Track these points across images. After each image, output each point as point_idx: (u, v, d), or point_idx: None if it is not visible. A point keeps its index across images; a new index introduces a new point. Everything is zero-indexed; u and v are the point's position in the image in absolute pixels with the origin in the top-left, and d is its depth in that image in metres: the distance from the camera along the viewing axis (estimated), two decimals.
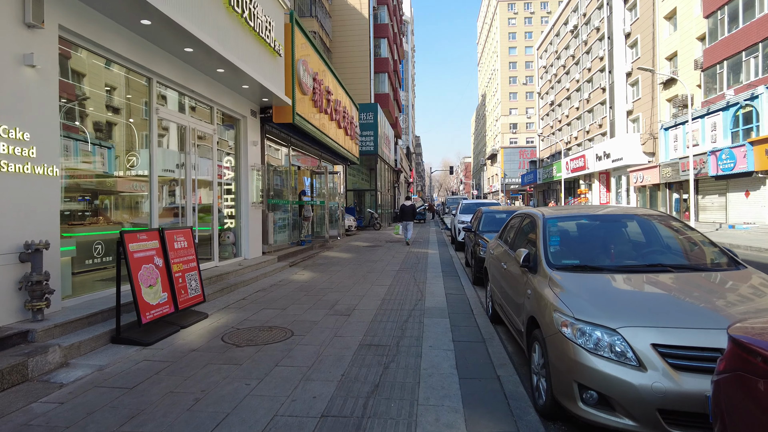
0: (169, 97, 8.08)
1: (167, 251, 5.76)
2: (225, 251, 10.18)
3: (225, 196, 10.44)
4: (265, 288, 8.46)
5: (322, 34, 31.57)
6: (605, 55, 42.12)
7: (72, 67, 5.98)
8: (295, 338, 5.27)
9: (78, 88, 6.19)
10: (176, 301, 5.75)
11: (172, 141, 8.38)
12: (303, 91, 12.12)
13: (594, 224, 4.71)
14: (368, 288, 8.34)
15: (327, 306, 6.91)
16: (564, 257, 4.19)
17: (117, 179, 7.03)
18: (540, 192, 61.61)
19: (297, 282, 9.10)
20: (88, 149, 6.42)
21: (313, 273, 10.27)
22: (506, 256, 5.40)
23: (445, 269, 10.65)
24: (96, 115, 6.59)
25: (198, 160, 8.91)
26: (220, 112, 9.86)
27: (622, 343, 2.93)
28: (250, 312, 6.58)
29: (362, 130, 27.13)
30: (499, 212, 10.95)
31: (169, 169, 8.39)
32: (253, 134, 10.92)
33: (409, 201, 17.37)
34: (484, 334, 5.36)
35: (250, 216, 10.66)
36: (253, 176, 10.74)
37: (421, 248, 15.52)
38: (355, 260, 12.49)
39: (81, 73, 6.21)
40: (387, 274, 10.03)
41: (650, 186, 32.21)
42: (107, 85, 6.79)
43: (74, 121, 6.18)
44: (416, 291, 7.99)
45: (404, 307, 6.73)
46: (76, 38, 5.70)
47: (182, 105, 8.52)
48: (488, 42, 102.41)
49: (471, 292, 7.99)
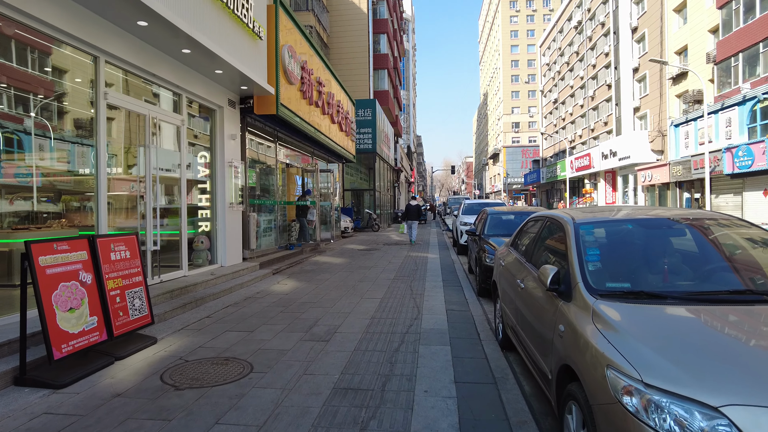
0: (124, 81, 6.95)
1: (99, 264, 4.63)
2: (198, 258, 9.06)
3: (200, 196, 9.31)
4: (237, 302, 7.32)
5: (319, 28, 30.45)
6: (611, 50, 40.92)
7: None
8: (253, 376, 4.13)
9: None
10: (110, 326, 4.62)
11: (132, 132, 7.26)
12: (289, 80, 10.99)
13: (643, 231, 3.53)
14: (357, 302, 7.20)
15: (304, 327, 5.77)
16: (609, 278, 3.04)
17: (73, 177, 5.93)
18: (543, 192, 60.39)
19: (276, 294, 7.96)
20: (31, 143, 5.30)
21: (297, 282, 9.14)
22: (522, 269, 4.26)
23: (446, 277, 9.51)
24: (35, 101, 5.48)
25: (162, 154, 7.78)
26: (191, 101, 8.73)
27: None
28: (210, 335, 5.45)
29: (359, 127, 26.00)
30: (505, 213, 9.79)
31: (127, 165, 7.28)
32: (231, 127, 9.79)
33: (414, 201, 17.59)
34: (495, 370, 4.22)
35: (228, 218, 9.53)
36: (231, 174, 9.61)
37: (420, 252, 14.37)
38: (347, 266, 11.35)
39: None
40: (381, 283, 8.89)
41: (659, 185, 31.01)
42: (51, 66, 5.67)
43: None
44: (412, 306, 6.84)
45: (396, 329, 5.59)
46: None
47: (142, 91, 7.39)
48: (490, 40, 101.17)
49: (476, 307, 6.84)
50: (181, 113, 8.18)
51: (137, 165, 7.23)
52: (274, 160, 12.58)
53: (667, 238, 3.43)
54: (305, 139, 14.30)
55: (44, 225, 5.65)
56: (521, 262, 4.39)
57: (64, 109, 6.10)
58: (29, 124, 5.55)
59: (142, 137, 7.16)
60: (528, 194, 65.05)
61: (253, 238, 10.54)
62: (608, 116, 42.02)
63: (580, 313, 2.77)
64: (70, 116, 6.20)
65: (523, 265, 4.29)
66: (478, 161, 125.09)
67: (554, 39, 59.61)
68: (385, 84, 36.52)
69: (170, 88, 7.88)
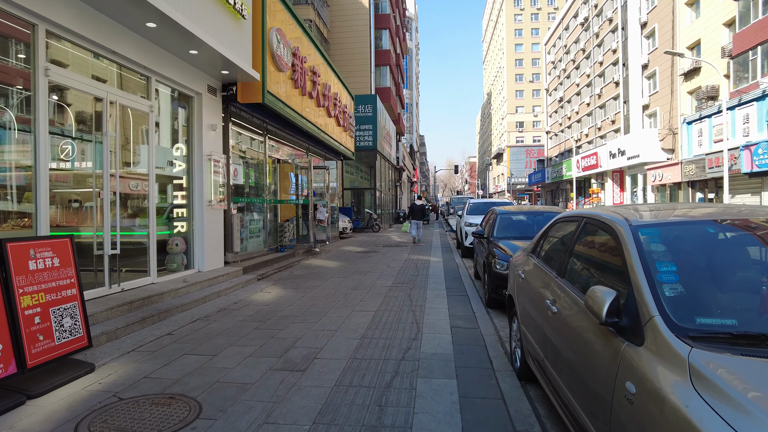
0: (75, 57, 5.97)
1: (10, 276, 3.64)
2: (173, 262, 8.08)
3: (175, 193, 8.34)
4: (208, 315, 6.33)
5: (319, 23, 29.49)
6: (618, 47, 39.83)
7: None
8: (198, 426, 3.14)
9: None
10: (22, 355, 3.63)
11: (87, 119, 6.29)
12: (278, 66, 10.00)
13: (729, 238, 2.52)
14: (347, 316, 6.19)
15: (279, 350, 4.77)
16: (699, 310, 2.03)
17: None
18: (548, 192, 59.30)
19: (256, 304, 6.97)
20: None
21: (282, 290, 8.14)
22: (551, 286, 3.25)
23: (450, 284, 8.50)
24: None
25: (125, 145, 6.81)
26: (163, 85, 7.75)
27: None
28: (162, 361, 4.46)
29: (360, 123, 25.02)
30: (517, 213, 8.76)
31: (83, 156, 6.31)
32: (211, 116, 8.80)
33: (420, 201, 17.72)
34: (515, 418, 3.21)
35: (207, 218, 8.55)
36: (210, 168, 8.62)
37: (422, 254, 13.37)
38: (341, 271, 10.35)
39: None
40: (376, 291, 7.89)
41: (670, 184, 29.90)
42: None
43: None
44: (411, 321, 5.84)
45: (390, 353, 4.59)
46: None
47: (100, 70, 6.41)
48: (494, 39, 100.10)
49: (486, 323, 5.83)
50: (149, 98, 7.20)
51: (94, 157, 6.25)
52: (264, 156, 11.57)
53: (758, 247, 2.40)
54: (299, 134, 13.31)
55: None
56: (549, 276, 3.37)
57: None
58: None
59: (99, 124, 6.18)
60: (532, 194, 63.92)
61: (236, 240, 9.55)
62: (616, 114, 40.92)
63: (663, 367, 1.76)
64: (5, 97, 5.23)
65: (552, 280, 3.28)
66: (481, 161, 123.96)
67: (559, 36, 58.50)
68: (387, 81, 35.52)
69: (136, 69, 6.89)
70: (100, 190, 6.09)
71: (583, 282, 2.82)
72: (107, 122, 6.14)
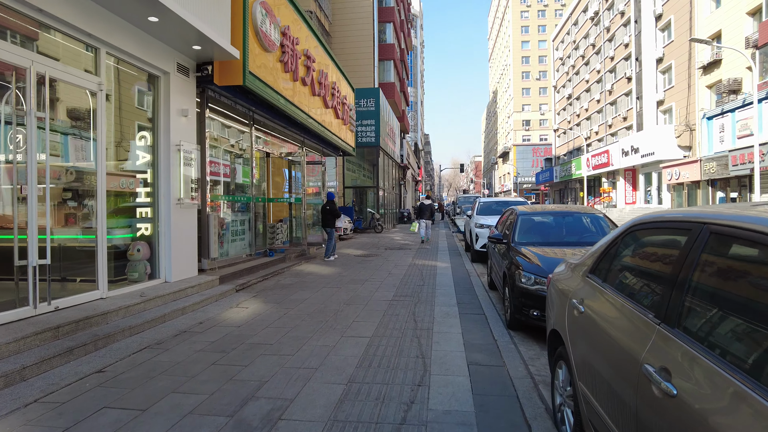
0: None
1: None
2: (134, 271, 6.81)
3: (138, 190, 7.06)
4: (161, 341, 5.04)
5: (320, 15, 28.21)
6: (631, 41, 38.38)
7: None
8: None
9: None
10: None
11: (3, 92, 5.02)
12: (263, 44, 8.71)
13: None
14: (333, 345, 4.89)
15: (232, 403, 3.47)
16: None
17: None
18: (556, 191, 57.85)
19: (224, 326, 5.68)
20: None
21: (262, 305, 6.85)
22: (655, 343, 1.92)
23: (462, 297, 7.19)
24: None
25: (63, 130, 5.54)
26: (120, 61, 6.48)
27: None
28: (64, 422, 3.17)
29: (362, 118, 23.73)
30: (541, 214, 7.40)
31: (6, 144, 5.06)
32: (182, 99, 7.52)
33: (428, 200, 17.73)
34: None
35: (175, 218, 7.27)
36: (179, 160, 7.34)
37: (428, 258, 12.05)
38: (335, 279, 9.05)
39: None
40: (374, 307, 6.59)
41: (688, 183, 28.41)
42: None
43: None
44: (415, 355, 4.53)
45: (387, 413, 3.28)
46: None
47: (26, 33, 5.14)
48: (500, 37, 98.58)
49: (512, 357, 4.51)
50: (98, 74, 5.92)
51: (16, 144, 4.99)
52: (250, 148, 10.27)
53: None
54: (291, 125, 12.01)
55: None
56: (646, 322, 2.05)
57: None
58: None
59: (22, 102, 4.91)
60: (540, 193, 62.43)
61: (214, 244, 8.27)
62: (628, 111, 39.45)
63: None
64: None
65: (655, 330, 1.95)
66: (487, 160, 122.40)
67: (568, 32, 57.02)
68: (391, 76, 34.21)
69: (78, 36, 5.61)
70: (22, 185, 4.82)
71: (735, 344, 1.52)
72: (32, 98, 4.86)
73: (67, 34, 5.47)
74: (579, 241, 6.58)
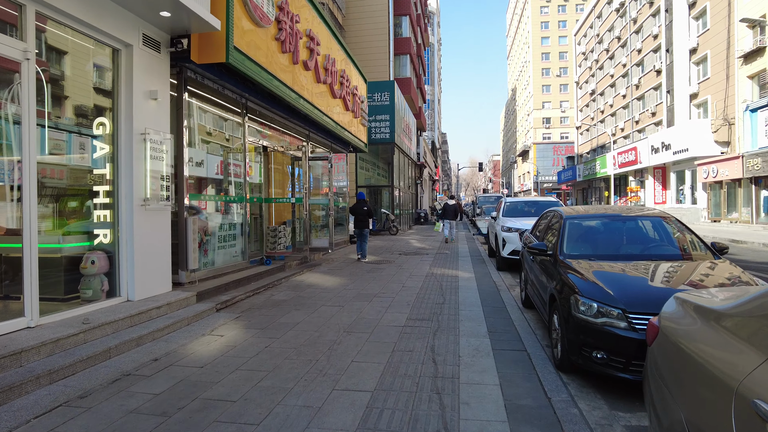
0: None
1: None
2: (87, 288, 5.51)
3: (95, 188, 5.75)
4: (87, 393, 3.68)
5: (333, 8, 26.88)
6: (661, 31, 36.24)
7: None
8: None
9: None
10: None
11: None
12: (252, 16, 7.36)
13: None
14: (320, 404, 3.47)
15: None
16: None
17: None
18: (579, 190, 55.66)
19: (183, 367, 4.30)
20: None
21: (242, 332, 5.47)
22: None
23: (494, 323, 5.73)
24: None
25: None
26: (63, 27, 5.16)
27: None
28: None
29: (376, 113, 22.32)
30: (593, 218, 5.85)
31: None
32: (149, 79, 6.19)
33: (452, 200, 18.59)
34: None
35: (139, 222, 5.94)
36: (146, 153, 6.01)
37: (448, 266, 10.58)
38: (339, 294, 7.65)
39: None
40: (381, 337, 5.17)
41: (728, 181, 26.35)
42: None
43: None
44: (436, 429, 3.09)
45: None
46: None
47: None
48: (519, 33, 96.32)
49: (578, 426, 3.04)
50: (24, 39, 4.60)
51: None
52: (242, 141, 8.92)
53: None
54: (293, 115, 10.65)
55: None
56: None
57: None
58: None
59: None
60: (561, 193, 60.21)
61: (193, 253, 6.92)
62: (657, 106, 37.33)
63: None
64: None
65: None
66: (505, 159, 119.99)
67: (591, 25, 54.86)
68: (408, 71, 32.73)
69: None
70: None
71: None
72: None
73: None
74: (644, 254, 5.09)
